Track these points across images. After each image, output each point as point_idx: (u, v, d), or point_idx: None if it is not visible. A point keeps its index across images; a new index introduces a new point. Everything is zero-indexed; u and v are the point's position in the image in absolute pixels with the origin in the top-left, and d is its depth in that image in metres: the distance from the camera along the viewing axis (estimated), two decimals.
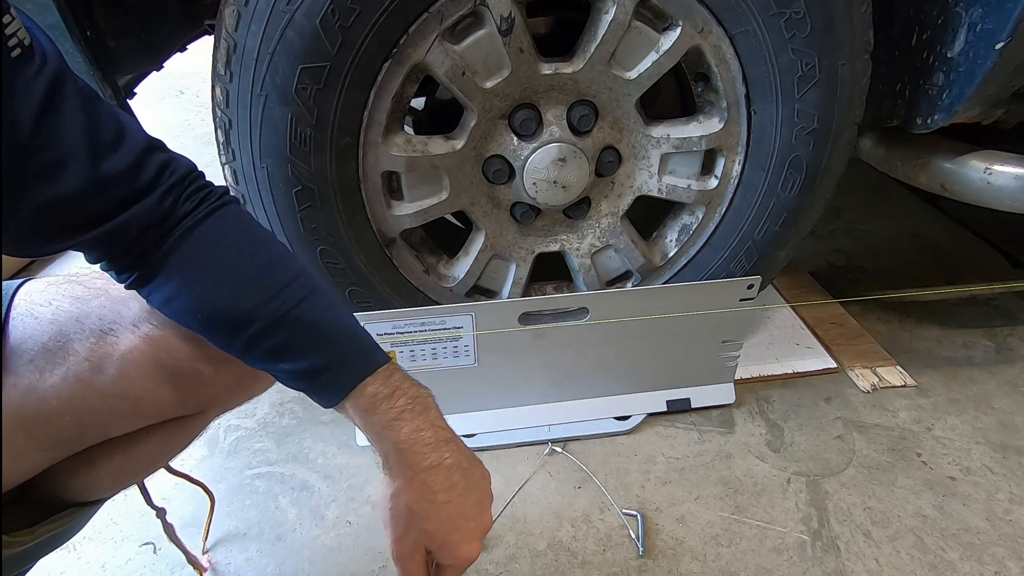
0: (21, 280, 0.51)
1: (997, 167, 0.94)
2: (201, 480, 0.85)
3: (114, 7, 0.78)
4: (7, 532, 0.48)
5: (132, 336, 0.48)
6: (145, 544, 0.88)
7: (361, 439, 1.02)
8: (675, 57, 0.86)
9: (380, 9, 0.74)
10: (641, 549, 0.86)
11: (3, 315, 0.47)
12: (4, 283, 0.50)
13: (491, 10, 0.78)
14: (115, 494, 0.57)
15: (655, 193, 0.99)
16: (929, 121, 0.91)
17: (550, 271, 1.09)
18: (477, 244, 0.99)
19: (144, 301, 0.50)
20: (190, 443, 0.58)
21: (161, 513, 0.75)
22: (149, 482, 0.70)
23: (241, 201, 0.86)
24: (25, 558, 0.52)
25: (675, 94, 1.01)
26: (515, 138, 0.90)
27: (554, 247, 1.03)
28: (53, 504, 0.53)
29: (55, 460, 0.49)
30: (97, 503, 0.56)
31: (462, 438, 1.04)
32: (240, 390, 0.58)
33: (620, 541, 0.88)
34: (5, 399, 0.44)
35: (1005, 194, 0.94)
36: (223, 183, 0.86)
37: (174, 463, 0.69)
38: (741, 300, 0.99)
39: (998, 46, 0.79)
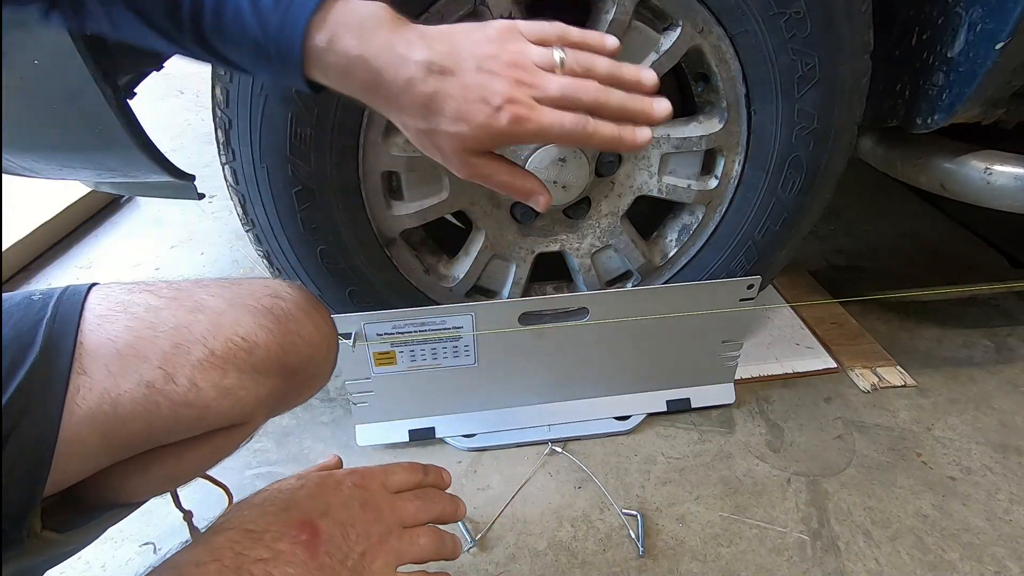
0: (91, 283, 0.52)
1: (997, 167, 0.94)
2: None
3: None
4: (62, 531, 0.49)
5: (202, 348, 0.50)
6: (145, 544, 0.88)
7: (361, 439, 1.02)
8: (675, 57, 0.86)
9: None
10: (641, 549, 0.86)
11: (78, 315, 0.47)
12: (74, 284, 0.51)
13: (491, 10, 0.78)
14: (156, 496, 0.57)
15: (655, 193, 0.99)
16: (929, 121, 0.91)
17: (550, 271, 1.09)
18: (477, 244, 0.99)
19: (212, 315, 0.51)
20: (236, 450, 0.59)
21: (188, 516, 0.74)
22: None
23: (242, 201, 0.87)
24: (63, 557, 0.53)
25: (675, 94, 1.01)
26: None
27: (554, 247, 1.03)
28: (95, 504, 0.53)
29: (115, 461, 0.50)
30: (138, 505, 0.57)
31: (462, 437, 1.05)
32: (288, 401, 0.59)
33: (620, 541, 0.88)
34: (82, 400, 0.45)
35: (1005, 194, 0.94)
36: (224, 183, 0.87)
37: None
38: (741, 300, 0.99)
39: (998, 46, 0.79)
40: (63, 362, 0.45)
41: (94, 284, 0.52)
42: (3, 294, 0.49)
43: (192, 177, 0.86)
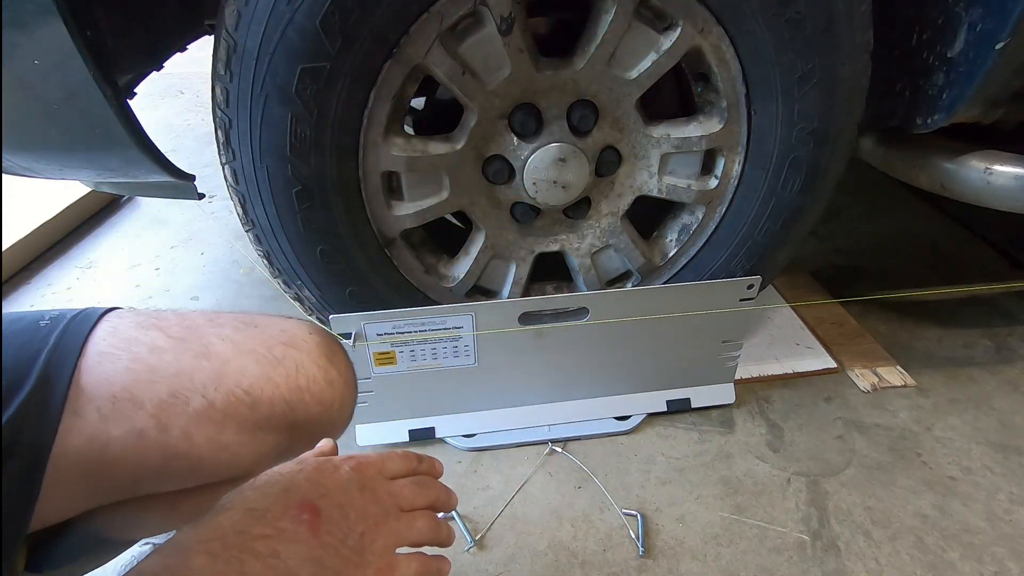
0: (108, 308, 0.50)
1: (997, 167, 0.94)
2: None
3: (114, 7, 0.78)
4: (47, 571, 0.48)
5: (201, 399, 0.48)
6: (145, 544, 0.88)
7: (362, 439, 1.02)
8: (675, 57, 0.86)
9: (380, 9, 0.74)
10: (641, 549, 0.86)
11: (79, 348, 0.46)
12: (87, 310, 0.49)
13: (491, 10, 0.78)
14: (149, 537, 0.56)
15: (655, 193, 0.99)
16: (929, 121, 0.91)
17: (550, 271, 1.09)
18: (477, 244, 0.99)
19: (217, 363, 0.49)
20: None
21: None
22: None
23: (242, 201, 0.87)
24: None
25: (675, 94, 1.01)
26: (515, 138, 0.90)
27: (554, 247, 1.03)
28: (89, 537, 0.52)
29: (101, 504, 0.49)
30: (129, 543, 0.56)
31: (462, 438, 1.05)
32: (293, 454, 0.57)
33: (620, 541, 0.88)
34: (71, 443, 0.44)
35: (1005, 194, 0.94)
36: (224, 183, 0.86)
37: None
38: (741, 300, 0.99)
39: (998, 46, 0.79)
40: (56, 400, 0.44)
41: (111, 310, 0.50)
42: (16, 313, 0.48)
43: (192, 177, 0.87)
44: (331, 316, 0.90)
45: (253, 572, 0.37)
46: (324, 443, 0.59)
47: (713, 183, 0.98)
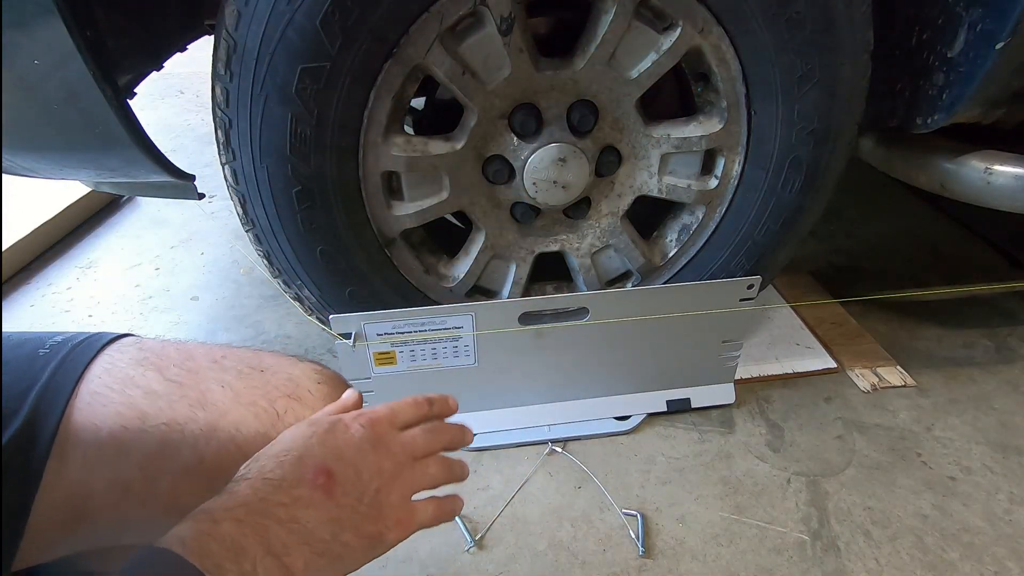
0: (111, 336, 0.49)
1: (997, 167, 0.94)
2: None
3: (114, 7, 0.78)
4: None
5: (191, 453, 0.47)
6: None
7: None
8: (675, 57, 0.86)
9: (380, 9, 0.74)
10: (641, 549, 0.86)
11: (72, 385, 0.45)
12: (91, 338, 0.48)
13: (491, 10, 0.78)
14: None
15: (655, 193, 0.99)
16: (929, 121, 0.91)
17: (550, 271, 1.09)
18: (477, 244, 0.99)
19: (213, 415, 0.48)
20: None
21: None
22: None
23: (242, 201, 0.87)
24: None
25: (675, 94, 1.01)
26: (515, 138, 0.90)
27: (554, 247, 1.03)
28: (75, 570, 0.51)
29: (87, 547, 0.48)
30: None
31: None
32: None
33: (620, 541, 0.88)
34: (54, 490, 0.43)
35: (1005, 194, 0.94)
36: (224, 183, 0.86)
37: None
38: (741, 300, 0.99)
39: (998, 46, 0.79)
40: (43, 441, 0.43)
41: (114, 340, 0.48)
42: (24, 334, 0.47)
43: (192, 177, 0.87)
44: (331, 316, 0.90)
45: (277, 536, 0.39)
46: (349, 394, 0.58)
47: (713, 183, 0.98)
